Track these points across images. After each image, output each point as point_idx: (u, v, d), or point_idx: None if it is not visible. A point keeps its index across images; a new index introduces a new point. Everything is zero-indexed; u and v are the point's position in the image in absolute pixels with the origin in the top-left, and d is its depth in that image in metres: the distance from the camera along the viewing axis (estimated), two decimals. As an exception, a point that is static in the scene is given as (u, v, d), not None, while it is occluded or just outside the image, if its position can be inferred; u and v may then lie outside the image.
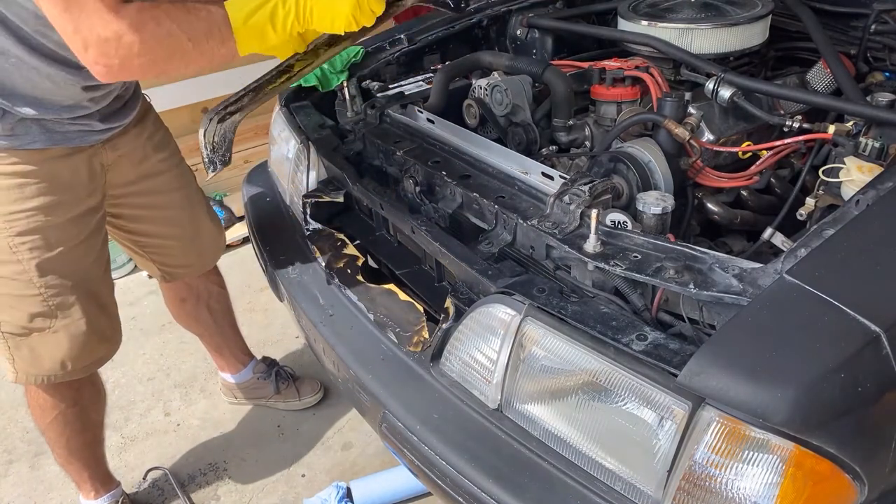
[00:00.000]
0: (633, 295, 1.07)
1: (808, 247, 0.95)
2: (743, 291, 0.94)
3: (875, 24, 1.62)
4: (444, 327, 1.25)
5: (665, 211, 1.16)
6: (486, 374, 1.14)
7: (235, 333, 2.15)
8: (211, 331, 2.07)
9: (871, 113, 1.24)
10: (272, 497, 1.93)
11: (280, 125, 1.85)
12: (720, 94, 1.38)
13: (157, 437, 2.16)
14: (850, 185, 1.12)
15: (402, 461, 1.24)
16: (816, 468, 0.83)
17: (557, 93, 1.53)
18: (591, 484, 1.01)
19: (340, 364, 1.38)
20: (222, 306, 2.05)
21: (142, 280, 2.93)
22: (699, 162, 1.35)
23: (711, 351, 0.86)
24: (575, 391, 1.03)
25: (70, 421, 1.65)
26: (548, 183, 1.28)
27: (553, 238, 1.14)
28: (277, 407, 2.18)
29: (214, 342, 2.12)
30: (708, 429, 0.87)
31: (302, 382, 2.21)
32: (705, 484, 0.89)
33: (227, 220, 3.09)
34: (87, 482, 1.79)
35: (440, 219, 1.40)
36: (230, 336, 2.13)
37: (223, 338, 2.11)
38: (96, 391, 1.70)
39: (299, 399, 2.18)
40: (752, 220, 1.37)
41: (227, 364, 2.16)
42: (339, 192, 1.67)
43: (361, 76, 1.82)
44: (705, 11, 1.62)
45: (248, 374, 2.18)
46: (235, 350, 2.15)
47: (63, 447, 1.70)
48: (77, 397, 1.63)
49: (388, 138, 1.58)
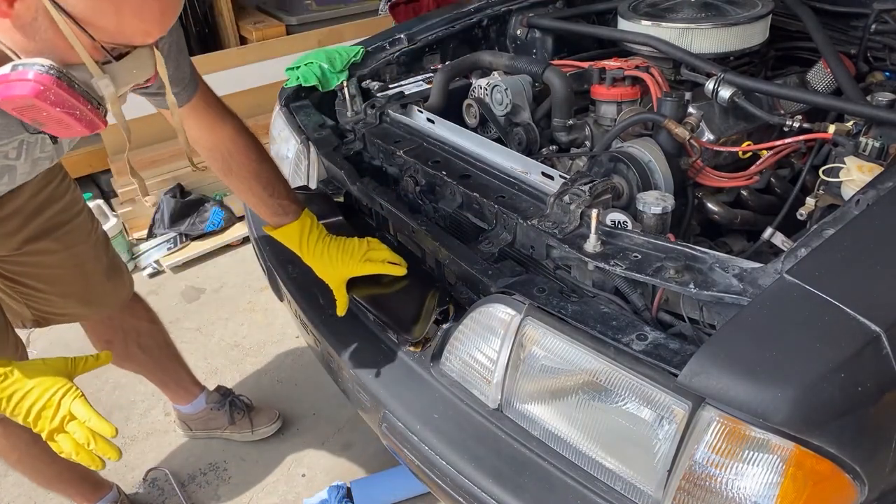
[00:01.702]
0: (634, 295, 1.07)
1: (809, 247, 0.95)
2: (743, 291, 0.94)
3: (875, 24, 1.62)
4: (444, 327, 1.25)
5: (665, 211, 1.16)
6: (486, 374, 1.14)
7: (179, 366, 2.02)
8: (149, 367, 1.94)
9: (871, 113, 1.24)
10: (272, 497, 1.93)
11: (280, 125, 1.85)
12: (720, 93, 1.38)
13: (157, 437, 2.16)
14: (850, 184, 1.12)
15: (402, 461, 1.24)
16: (816, 468, 0.83)
17: (557, 93, 1.53)
18: (592, 484, 1.01)
19: (340, 364, 1.38)
20: (156, 341, 1.91)
21: (141, 280, 2.93)
22: (699, 162, 1.35)
23: (711, 351, 0.86)
24: (575, 391, 1.03)
25: (36, 455, 1.58)
26: (548, 183, 1.28)
27: (553, 238, 1.14)
28: (233, 439, 2.09)
29: (157, 378, 2.00)
30: (708, 429, 0.87)
31: (257, 413, 2.11)
32: (705, 484, 0.89)
33: (226, 220, 3.09)
34: (76, 496, 1.78)
35: (440, 219, 1.40)
36: (172, 369, 2.00)
37: (165, 373, 1.99)
38: None
39: (252, 431, 2.08)
40: (752, 219, 1.37)
41: (176, 396, 2.06)
42: (339, 192, 1.67)
43: (361, 76, 1.82)
44: (705, 11, 1.62)
45: (201, 404, 2.08)
46: (183, 382, 2.04)
47: (38, 477, 1.67)
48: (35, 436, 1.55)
49: (388, 138, 1.58)
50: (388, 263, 1.36)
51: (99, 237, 1.65)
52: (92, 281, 1.63)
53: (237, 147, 1.34)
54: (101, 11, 0.80)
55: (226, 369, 2.40)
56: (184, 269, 2.98)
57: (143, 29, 0.86)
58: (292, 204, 1.38)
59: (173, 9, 0.87)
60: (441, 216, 1.40)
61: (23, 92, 0.81)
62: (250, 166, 1.35)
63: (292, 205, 1.38)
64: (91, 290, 1.65)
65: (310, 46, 3.08)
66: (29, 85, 0.81)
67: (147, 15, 0.84)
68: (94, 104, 0.87)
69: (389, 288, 1.41)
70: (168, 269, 2.95)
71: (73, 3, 0.78)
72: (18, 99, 0.82)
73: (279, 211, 1.37)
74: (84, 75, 0.86)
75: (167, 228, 3.04)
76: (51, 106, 0.83)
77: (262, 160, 1.37)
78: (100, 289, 1.67)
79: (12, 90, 0.81)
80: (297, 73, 1.81)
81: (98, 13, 0.80)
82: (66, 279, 1.57)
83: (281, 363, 2.41)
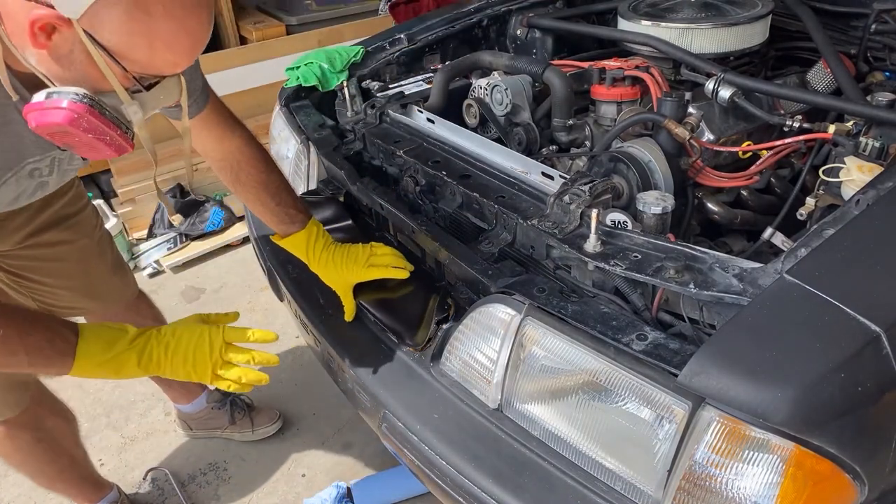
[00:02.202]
0: (634, 295, 1.07)
1: (809, 247, 0.95)
2: (743, 291, 0.93)
3: (875, 24, 1.62)
4: (444, 327, 1.25)
5: (665, 211, 1.16)
6: (486, 374, 1.14)
7: None
8: None
9: (871, 113, 1.24)
10: (272, 497, 1.93)
11: (280, 125, 1.85)
12: (720, 93, 1.38)
13: (157, 437, 2.16)
14: (850, 184, 1.12)
15: (402, 461, 1.24)
16: (816, 468, 0.83)
17: (557, 93, 1.53)
18: (591, 484, 1.01)
19: (340, 364, 1.38)
20: None
21: (141, 280, 2.93)
22: (699, 162, 1.35)
23: (711, 351, 0.86)
24: (575, 391, 1.03)
25: (39, 456, 1.60)
26: (548, 183, 1.28)
27: (553, 238, 1.14)
28: (233, 438, 2.09)
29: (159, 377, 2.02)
30: (708, 429, 0.87)
31: (258, 412, 2.11)
32: (705, 484, 0.89)
33: (226, 220, 3.09)
34: (77, 497, 1.79)
35: (440, 219, 1.40)
36: None
37: None
38: (61, 420, 1.65)
39: (252, 430, 2.08)
40: (752, 219, 1.37)
41: (178, 395, 2.06)
42: (339, 192, 1.67)
43: (361, 76, 1.82)
44: (705, 11, 1.62)
45: (201, 404, 2.08)
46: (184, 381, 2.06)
47: (40, 477, 1.68)
48: (38, 437, 1.55)
49: (388, 138, 1.58)
50: (391, 268, 1.39)
51: (103, 234, 1.68)
52: (97, 274, 1.65)
53: (246, 158, 1.36)
54: (134, 45, 0.85)
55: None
56: (184, 269, 2.98)
57: (172, 61, 0.90)
58: (299, 213, 1.41)
59: (202, 41, 0.92)
60: (441, 216, 1.40)
61: (57, 119, 0.86)
62: (259, 176, 1.38)
63: (299, 214, 1.41)
64: (96, 284, 1.66)
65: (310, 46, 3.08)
66: (63, 113, 0.86)
67: (177, 48, 0.88)
68: (123, 129, 0.92)
69: (394, 292, 1.43)
70: (168, 269, 2.95)
71: (107, 37, 0.83)
72: (53, 125, 0.87)
73: (286, 220, 1.40)
74: (114, 101, 0.91)
75: (167, 228, 3.05)
76: (83, 132, 0.88)
77: (270, 170, 1.40)
78: (105, 283, 1.68)
79: (47, 117, 0.87)
80: (297, 73, 1.81)
81: (131, 47, 0.85)
82: (72, 272, 1.58)
83: (281, 363, 2.38)
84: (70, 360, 1.07)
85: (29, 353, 1.05)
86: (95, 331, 1.10)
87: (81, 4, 0.80)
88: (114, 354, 1.09)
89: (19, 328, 1.05)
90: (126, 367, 1.11)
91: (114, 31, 0.83)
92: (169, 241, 3.03)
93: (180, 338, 1.14)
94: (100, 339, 1.09)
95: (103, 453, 2.10)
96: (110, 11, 0.81)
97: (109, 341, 1.10)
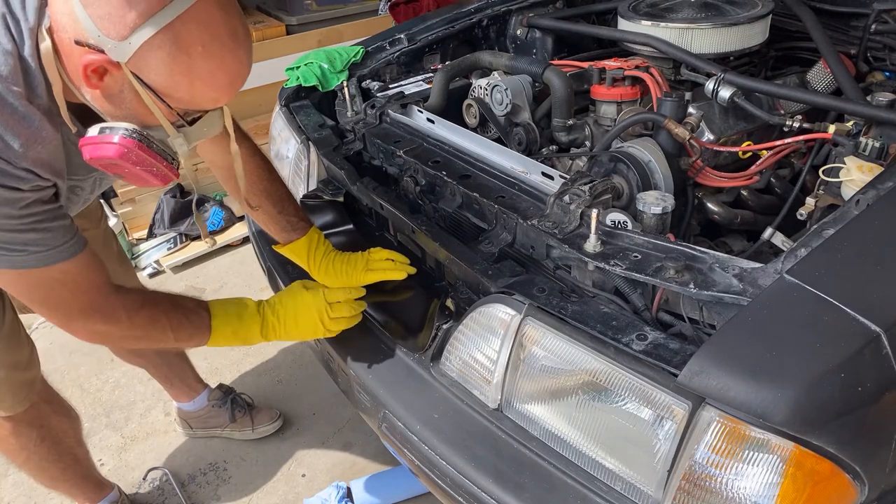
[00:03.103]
0: (634, 295, 1.07)
1: (809, 247, 0.95)
2: (743, 291, 0.93)
3: (875, 24, 1.62)
4: (444, 327, 1.25)
5: (665, 211, 1.16)
6: (486, 374, 1.14)
7: (183, 362, 2.04)
8: (156, 363, 1.96)
9: (871, 112, 1.24)
10: (272, 497, 1.93)
11: (280, 125, 1.85)
12: (720, 93, 1.38)
13: (157, 437, 2.16)
14: (850, 184, 1.12)
15: (402, 461, 1.24)
16: (816, 468, 0.83)
17: (557, 93, 1.53)
18: (591, 484, 1.01)
19: (340, 364, 1.38)
20: None
21: (141, 280, 2.93)
22: (699, 162, 1.35)
23: (711, 351, 0.86)
24: (575, 391, 1.03)
25: (43, 455, 1.61)
26: (548, 183, 1.28)
27: (553, 238, 1.14)
28: (233, 437, 2.09)
29: (161, 373, 2.01)
30: (708, 428, 0.87)
31: (258, 411, 2.11)
32: (705, 484, 0.89)
33: (226, 220, 3.09)
34: (78, 496, 1.79)
35: (440, 219, 1.40)
36: (177, 365, 2.02)
37: (170, 368, 2.01)
38: (65, 419, 1.66)
39: (252, 429, 2.08)
40: (752, 219, 1.37)
41: (179, 393, 2.07)
42: (339, 192, 1.67)
43: (361, 76, 1.82)
44: (705, 11, 1.62)
45: (202, 402, 2.08)
46: (187, 379, 2.05)
47: (42, 476, 1.69)
48: (43, 434, 1.58)
49: (388, 138, 1.58)
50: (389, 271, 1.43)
51: (108, 228, 1.74)
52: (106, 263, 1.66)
53: (250, 168, 1.41)
54: (177, 84, 0.93)
55: (226, 369, 2.40)
56: (184, 269, 2.98)
57: (213, 97, 0.98)
58: (300, 221, 1.47)
59: (242, 78, 0.98)
60: (441, 216, 1.40)
61: (108, 153, 0.95)
62: (262, 185, 1.43)
63: (300, 222, 1.47)
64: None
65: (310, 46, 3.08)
66: (114, 147, 0.95)
67: (217, 85, 0.96)
68: (169, 160, 1.01)
69: (395, 296, 1.45)
70: (168, 269, 2.95)
71: (153, 78, 0.91)
72: (105, 158, 0.96)
73: (288, 227, 1.46)
74: (161, 134, 0.99)
75: (167, 228, 3.04)
76: (132, 164, 0.97)
77: (272, 180, 1.46)
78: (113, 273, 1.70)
79: (100, 151, 0.96)
80: (297, 73, 1.81)
81: (174, 86, 0.93)
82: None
83: (281, 363, 2.41)
84: (207, 333, 1.25)
85: (174, 330, 1.21)
86: (223, 306, 1.28)
87: (129, 49, 0.88)
88: (241, 325, 1.28)
89: (166, 310, 1.20)
90: (251, 335, 1.30)
91: (158, 73, 0.90)
92: (169, 241, 3.03)
93: (286, 305, 1.33)
94: (228, 313, 1.28)
95: (103, 453, 2.10)
96: (155, 54, 0.89)
97: (237, 315, 1.28)
